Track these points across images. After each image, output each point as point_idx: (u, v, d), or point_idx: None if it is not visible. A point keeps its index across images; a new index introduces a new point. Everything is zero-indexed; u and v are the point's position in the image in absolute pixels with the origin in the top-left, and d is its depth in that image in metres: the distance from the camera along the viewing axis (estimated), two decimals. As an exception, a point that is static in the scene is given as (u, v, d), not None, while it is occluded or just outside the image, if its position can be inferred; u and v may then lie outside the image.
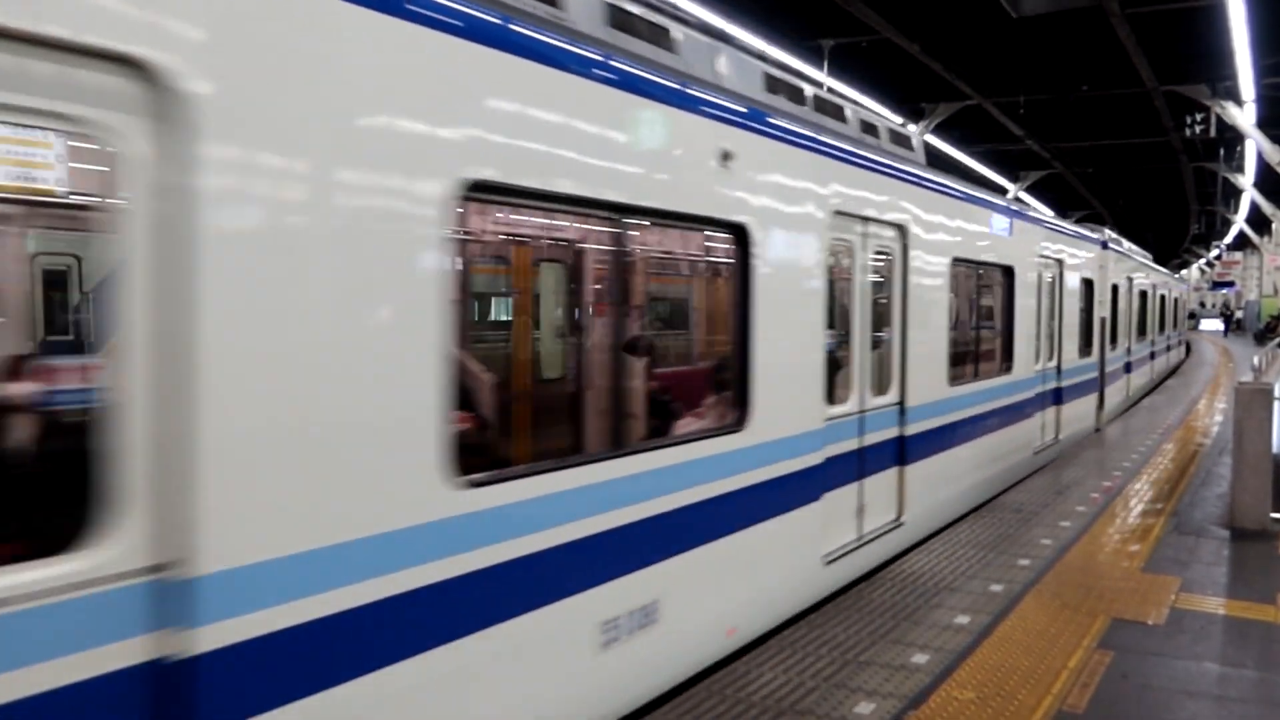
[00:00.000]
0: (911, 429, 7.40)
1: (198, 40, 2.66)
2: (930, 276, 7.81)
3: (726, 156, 5.02)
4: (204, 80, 2.66)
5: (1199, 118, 23.08)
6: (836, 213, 6.19)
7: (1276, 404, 8.30)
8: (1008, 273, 10.09)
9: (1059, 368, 12.17)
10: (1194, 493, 9.55)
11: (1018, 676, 4.90)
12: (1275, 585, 6.52)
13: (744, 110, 5.29)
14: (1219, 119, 22.68)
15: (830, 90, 20.54)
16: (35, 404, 3.99)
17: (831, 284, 6.24)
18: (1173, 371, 27.53)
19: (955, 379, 8.41)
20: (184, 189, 2.63)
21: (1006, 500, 9.16)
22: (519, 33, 3.79)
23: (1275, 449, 8.19)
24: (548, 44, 3.95)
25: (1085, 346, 13.70)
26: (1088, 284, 13.93)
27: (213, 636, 2.69)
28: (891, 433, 7.18)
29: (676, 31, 5.33)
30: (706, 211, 4.97)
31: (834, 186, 6.16)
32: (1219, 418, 15.67)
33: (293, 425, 2.92)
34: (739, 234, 5.22)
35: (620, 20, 4.85)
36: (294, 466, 2.93)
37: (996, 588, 6.36)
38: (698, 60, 5.44)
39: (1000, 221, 9.67)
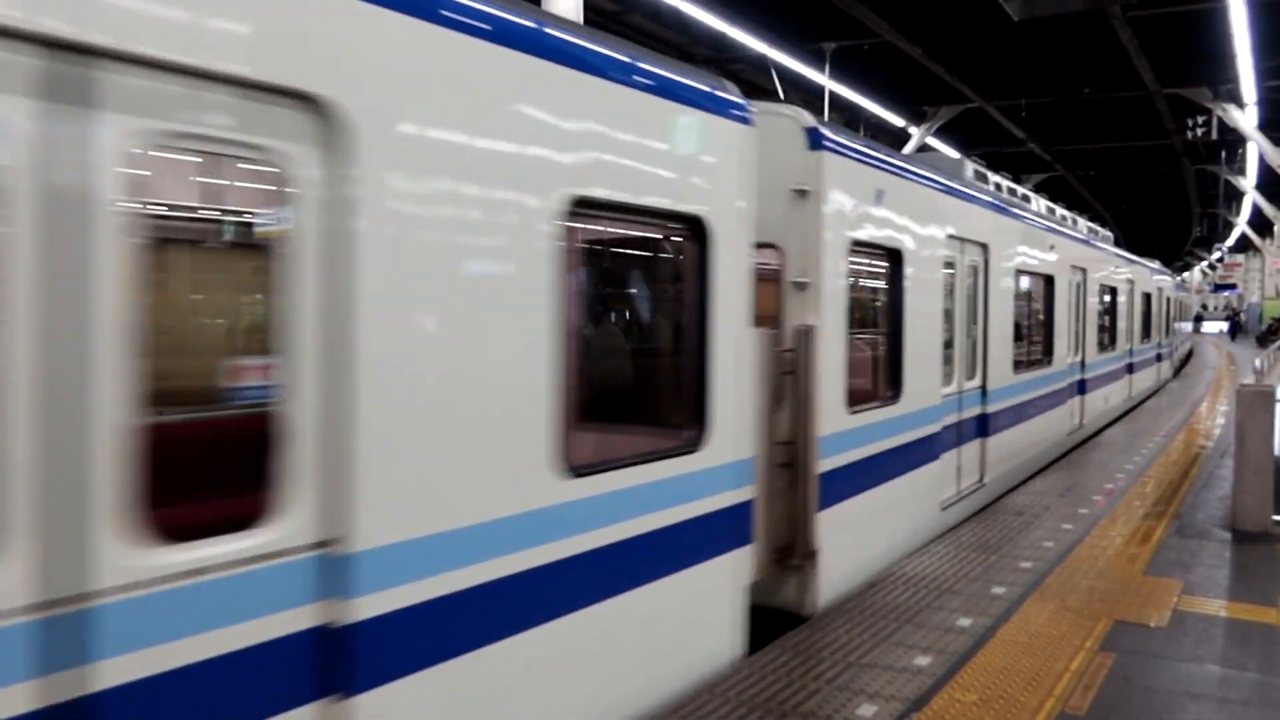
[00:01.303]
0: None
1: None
2: None
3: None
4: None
5: (1201, 120, 23.13)
6: None
7: (1278, 406, 8.31)
8: None
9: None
10: (1196, 495, 9.55)
11: (1020, 679, 4.91)
12: (1277, 587, 6.52)
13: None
14: (1221, 122, 22.73)
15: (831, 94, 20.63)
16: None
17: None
18: (1144, 400, 19.44)
19: None
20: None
21: (1008, 503, 9.17)
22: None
23: (1277, 451, 8.20)
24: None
25: (677, 429, 4.84)
26: (691, 245, 4.81)
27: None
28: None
29: None
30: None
31: None
32: (1220, 420, 15.67)
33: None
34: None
35: None
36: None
37: (999, 590, 6.37)
38: None
39: None
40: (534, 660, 3.74)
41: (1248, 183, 32.86)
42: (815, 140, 6.16)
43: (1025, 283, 11.22)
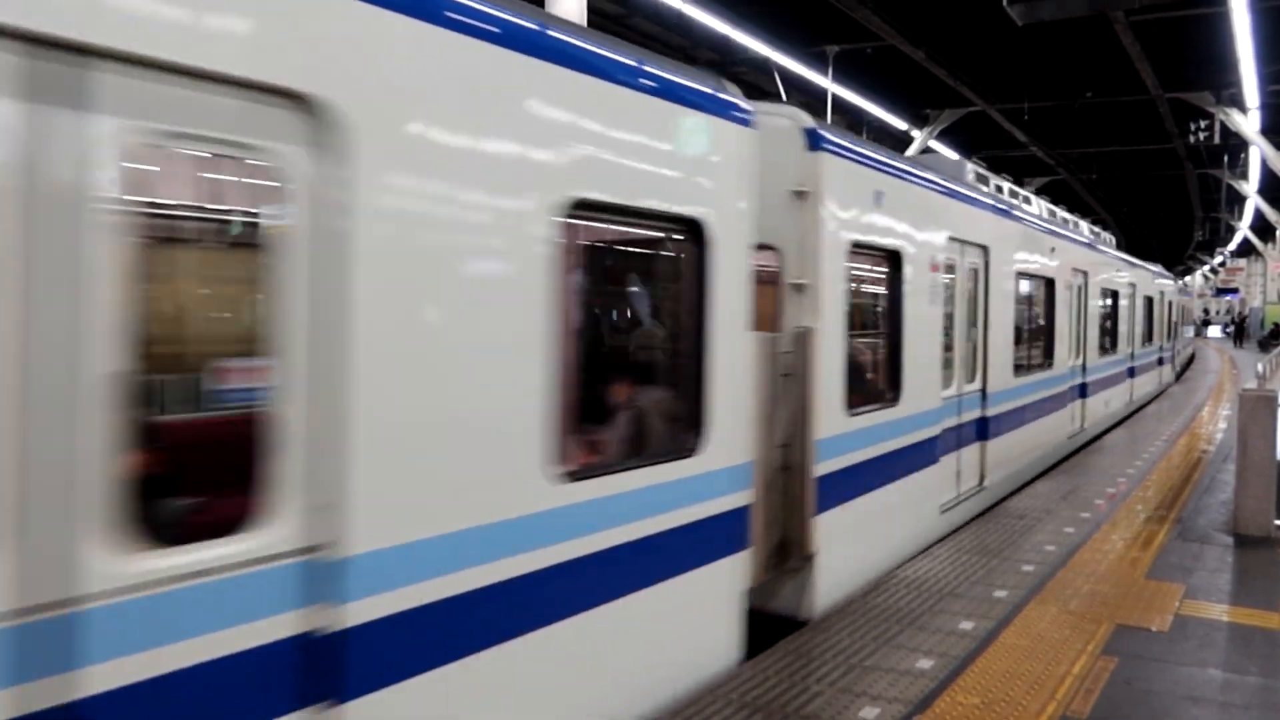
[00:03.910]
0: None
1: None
2: None
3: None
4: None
5: (1203, 124, 23.13)
6: None
7: (1280, 411, 8.32)
8: None
9: None
10: (1198, 499, 9.55)
11: (1022, 682, 4.92)
12: (1279, 592, 6.53)
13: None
14: (1223, 126, 22.73)
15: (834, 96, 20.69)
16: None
17: None
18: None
19: None
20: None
21: (1010, 506, 9.17)
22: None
23: (1279, 456, 8.21)
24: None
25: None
26: None
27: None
28: None
29: None
30: None
31: None
32: (1223, 424, 15.66)
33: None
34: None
35: None
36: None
37: (1001, 593, 6.37)
38: None
39: None
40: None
41: (1250, 187, 32.86)
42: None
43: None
